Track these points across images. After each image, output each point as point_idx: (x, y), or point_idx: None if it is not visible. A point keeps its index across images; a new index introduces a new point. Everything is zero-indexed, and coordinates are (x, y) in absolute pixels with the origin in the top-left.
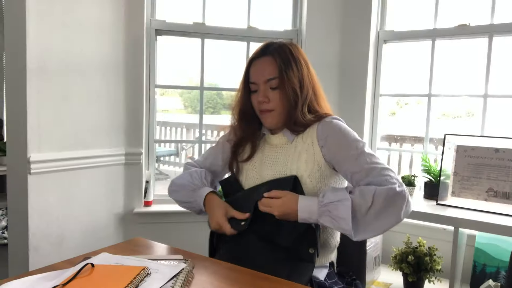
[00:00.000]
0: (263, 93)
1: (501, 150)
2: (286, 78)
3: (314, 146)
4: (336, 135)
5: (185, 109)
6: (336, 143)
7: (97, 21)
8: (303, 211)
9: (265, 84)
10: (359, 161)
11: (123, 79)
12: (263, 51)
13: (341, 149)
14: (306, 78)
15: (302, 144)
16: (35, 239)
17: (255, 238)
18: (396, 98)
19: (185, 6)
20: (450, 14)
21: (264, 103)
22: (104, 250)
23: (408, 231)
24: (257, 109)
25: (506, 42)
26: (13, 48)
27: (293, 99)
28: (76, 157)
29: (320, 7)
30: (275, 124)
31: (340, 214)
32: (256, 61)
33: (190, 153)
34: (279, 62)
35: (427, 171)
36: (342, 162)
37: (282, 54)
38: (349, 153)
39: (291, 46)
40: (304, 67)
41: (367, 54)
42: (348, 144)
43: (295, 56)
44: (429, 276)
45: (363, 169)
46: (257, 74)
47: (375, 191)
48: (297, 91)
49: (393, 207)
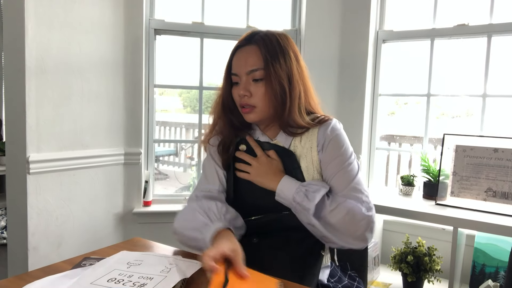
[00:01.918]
0: (244, 86)
1: (500, 150)
2: (272, 70)
3: (313, 151)
4: (334, 140)
5: (184, 108)
6: (331, 148)
7: (96, 21)
8: (283, 185)
9: (247, 75)
10: (345, 172)
11: (122, 78)
12: (247, 39)
13: (334, 155)
14: (296, 73)
15: (301, 149)
16: (34, 239)
17: (264, 247)
18: (395, 97)
19: (184, 5)
20: (449, 14)
21: (245, 97)
22: (103, 250)
23: (407, 231)
24: (238, 104)
25: (504, 41)
26: (12, 48)
27: (280, 96)
28: (75, 157)
29: (319, 7)
30: (258, 121)
31: (315, 195)
32: (239, 50)
33: (189, 153)
34: (264, 52)
35: (426, 171)
36: (330, 167)
37: (268, 43)
38: (340, 160)
39: (280, 36)
40: (294, 60)
41: (366, 54)
42: (341, 153)
43: (283, 47)
44: (429, 276)
45: (346, 182)
46: (239, 65)
47: (345, 201)
48: (285, 87)
49: (353, 225)
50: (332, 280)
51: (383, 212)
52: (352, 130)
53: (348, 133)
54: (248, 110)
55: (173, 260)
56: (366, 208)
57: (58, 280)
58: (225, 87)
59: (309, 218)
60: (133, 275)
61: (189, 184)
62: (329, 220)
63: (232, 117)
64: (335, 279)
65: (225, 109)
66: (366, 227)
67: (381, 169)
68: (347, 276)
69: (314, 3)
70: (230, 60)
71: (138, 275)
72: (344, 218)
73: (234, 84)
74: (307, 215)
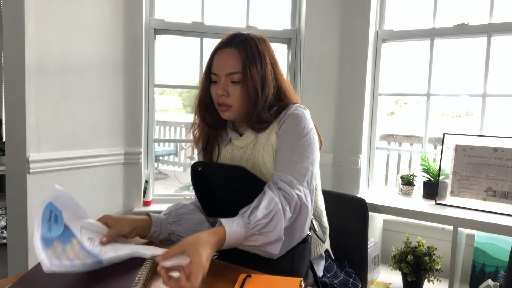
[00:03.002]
0: (222, 86)
1: (500, 150)
2: (249, 75)
3: (272, 134)
4: (290, 117)
5: (184, 108)
6: (286, 125)
7: (96, 20)
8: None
9: (226, 77)
10: (293, 152)
11: (122, 78)
12: (228, 41)
13: (287, 132)
14: (270, 76)
15: (265, 135)
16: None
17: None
18: (395, 97)
19: (184, 5)
20: (449, 14)
21: (223, 96)
22: None
23: (407, 230)
24: (215, 101)
25: (504, 41)
26: (12, 47)
27: (253, 98)
28: (75, 156)
29: (319, 6)
30: (233, 119)
31: (273, 234)
32: (220, 52)
33: (189, 152)
34: (243, 56)
35: (426, 171)
36: (279, 142)
37: (248, 48)
38: (292, 139)
39: (259, 41)
40: (269, 64)
41: (366, 54)
42: (296, 131)
43: (261, 52)
44: (429, 275)
45: (287, 162)
46: (219, 66)
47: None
48: (258, 90)
49: (299, 219)
50: (328, 275)
51: (383, 212)
52: (352, 129)
53: (347, 133)
54: (225, 108)
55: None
56: (304, 196)
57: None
58: (204, 84)
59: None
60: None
61: (189, 184)
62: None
63: (206, 114)
64: (330, 274)
65: (201, 106)
66: (308, 218)
67: (381, 168)
68: (343, 272)
69: (314, 3)
70: (211, 59)
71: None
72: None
73: (212, 82)
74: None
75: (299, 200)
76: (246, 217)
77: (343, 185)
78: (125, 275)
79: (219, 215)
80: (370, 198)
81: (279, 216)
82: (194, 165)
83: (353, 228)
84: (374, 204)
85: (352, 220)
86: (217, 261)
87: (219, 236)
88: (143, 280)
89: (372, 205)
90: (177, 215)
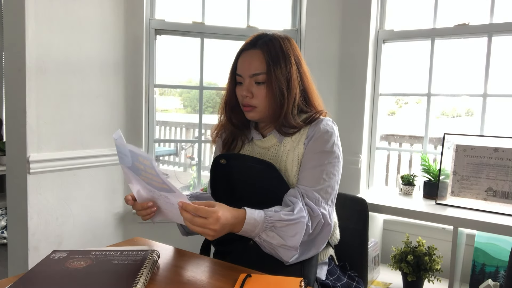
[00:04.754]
0: (247, 88)
1: (500, 150)
2: (274, 76)
3: (300, 145)
4: (323, 135)
5: (185, 108)
6: (318, 142)
7: (97, 20)
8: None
9: (250, 78)
10: (322, 171)
11: (123, 78)
12: (253, 43)
13: (317, 149)
14: (295, 76)
15: (291, 143)
16: (35, 239)
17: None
18: (395, 97)
19: (185, 5)
20: (450, 14)
21: (247, 97)
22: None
23: (407, 230)
24: (241, 103)
25: (505, 41)
26: (12, 47)
27: (279, 99)
28: (76, 156)
29: (320, 7)
30: (258, 119)
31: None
32: (245, 53)
33: (189, 152)
34: (267, 57)
35: (426, 171)
36: (307, 158)
37: (272, 49)
38: (321, 157)
39: (283, 41)
40: (294, 64)
41: (367, 54)
42: (326, 150)
43: (285, 52)
44: (429, 275)
45: (316, 180)
46: (243, 67)
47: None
48: (283, 91)
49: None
50: (331, 278)
51: (383, 212)
52: (352, 130)
53: (348, 133)
54: (250, 109)
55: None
56: (328, 215)
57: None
58: (229, 85)
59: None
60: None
61: (189, 184)
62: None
63: (231, 115)
64: (334, 277)
65: (226, 107)
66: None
67: (381, 168)
68: (346, 276)
69: (314, 3)
70: (236, 61)
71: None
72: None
73: (238, 83)
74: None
75: (323, 219)
76: (268, 212)
77: (343, 185)
78: (125, 275)
79: None
80: (370, 198)
81: (300, 227)
82: (217, 158)
83: (353, 228)
84: (375, 204)
85: (353, 220)
86: (217, 261)
87: (239, 216)
88: (143, 280)
89: (372, 205)
90: (197, 196)
